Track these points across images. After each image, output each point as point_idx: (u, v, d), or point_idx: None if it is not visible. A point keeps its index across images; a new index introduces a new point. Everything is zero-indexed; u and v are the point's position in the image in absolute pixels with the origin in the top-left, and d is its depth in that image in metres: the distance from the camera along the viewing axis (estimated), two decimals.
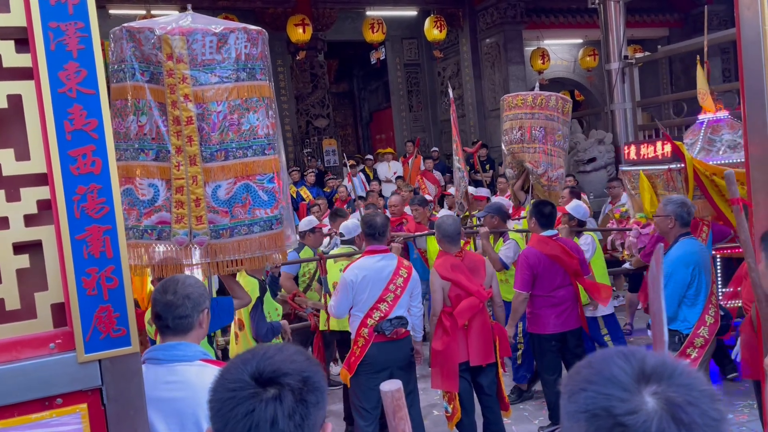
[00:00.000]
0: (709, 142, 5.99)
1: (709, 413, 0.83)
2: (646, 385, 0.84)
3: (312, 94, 13.19)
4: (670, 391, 0.84)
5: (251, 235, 2.67)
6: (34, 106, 1.68)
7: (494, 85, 13.86)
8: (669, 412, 0.82)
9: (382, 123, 18.09)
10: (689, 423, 0.81)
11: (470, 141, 13.27)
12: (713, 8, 14.52)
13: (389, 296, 4.00)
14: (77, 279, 1.68)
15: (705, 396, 0.84)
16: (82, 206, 1.69)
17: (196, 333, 2.19)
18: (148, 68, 2.52)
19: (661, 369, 0.86)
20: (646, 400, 0.83)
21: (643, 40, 15.28)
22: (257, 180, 2.66)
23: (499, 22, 13.46)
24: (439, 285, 4.13)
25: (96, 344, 1.70)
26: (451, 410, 4.18)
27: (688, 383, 0.85)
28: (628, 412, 0.82)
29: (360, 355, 3.99)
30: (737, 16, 2.72)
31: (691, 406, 0.82)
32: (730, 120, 6.01)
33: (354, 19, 13.78)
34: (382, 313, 3.99)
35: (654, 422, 0.81)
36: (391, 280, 4.01)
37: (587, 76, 15.42)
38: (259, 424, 1.01)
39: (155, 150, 2.56)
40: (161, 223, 2.59)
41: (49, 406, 1.69)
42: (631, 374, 0.85)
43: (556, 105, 6.60)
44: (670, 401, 0.82)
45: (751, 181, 2.76)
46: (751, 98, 2.70)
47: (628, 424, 0.82)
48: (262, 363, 1.06)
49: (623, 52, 10.74)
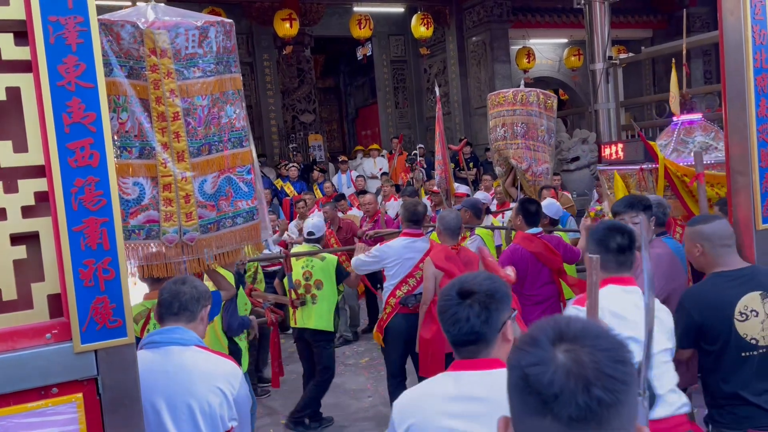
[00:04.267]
0: (682, 144, 6.15)
1: (614, 375, 0.86)
2: (560, 344, 0.89)
3: (298, 89, 13.18)
4: (582, 351, 0.88)
5: (235, 226, 2.73)
6: (33, 98, 1.70)
7: (480, 83, 13.94)
8: (572, 369, 0.86)
9: (368, 119, 18.11)
10: (590, 381, 0.85)
11: (456, 139, 13.33)
12: (696, 10, 14.73)
13: (417, 273, 4.48)
14: (74, 270, 1.70)
15: (615, 360, 0.87)
16: (80, 198, 1.71)
17: (196, 326, 2.26)
18: (127, 63, 2.50)
19: (580, 332, 0.90)
20: (556, 356, 0.88)
21: (627, 41, 15.44)
22: (237, 172, 2.70)
23: (485, 21, 13.54)
24: (432, 273, 4.23)
25: (92, 335, 1.73)
26: None
27: (603, 347, 0.88)
28: (531, 363, 0.89)
29: (387, 319, 4.60)
30: (720, 21, 2.79)
31: (597, 366, 0.86)
32: (704, 122, 6.19)
33: (341, 14, 13.77)
34: (409, 287, 4.49)
35: (553, 375, 0.86)
36: (421, 260, 4.46)
37: (572, 76, 15.57)
38: (459, 320, 1.63)
39: (138, 147, 2.53)
40: (149, 222, 2.58)
41: (45, 396, 1.71)
42: (550, 334, 0.91)
43: (537, 101, 6.68)
44: (577, 359, 0.87)
45: (732, 181, 2.84)
46: (732, 100, 2.78)
47: (529, 375, 0.88)
48: (463, 285, 1.69)
49: (608, 53, 10.85)
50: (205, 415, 2.15)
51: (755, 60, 2.70)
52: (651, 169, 5.47)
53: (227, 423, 2.19)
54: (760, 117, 2.73)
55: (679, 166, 5.54)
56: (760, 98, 2.72)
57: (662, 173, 5.41)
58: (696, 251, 2.68)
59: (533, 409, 0.88)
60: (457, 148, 9.77)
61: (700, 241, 2.65)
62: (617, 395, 0.85)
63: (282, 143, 13.60)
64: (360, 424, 5.12)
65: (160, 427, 2.13)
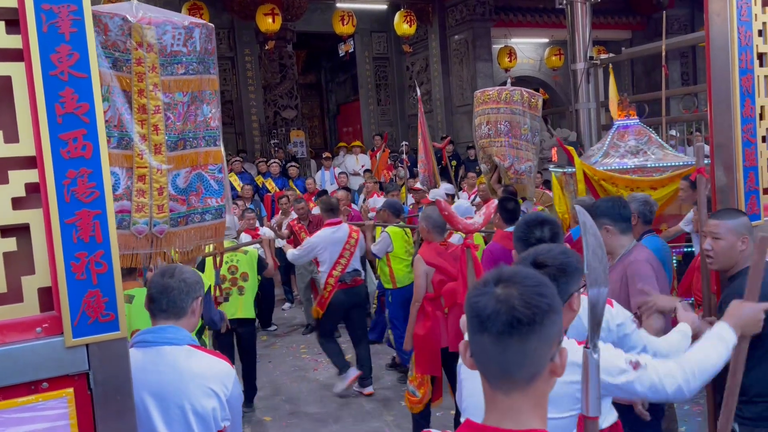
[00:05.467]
0: (614, 147, 6.34)
1: (533, 303, 1.14)
2: (498, 284, 1.18)
3: (280, 84, 13.09)
4: (513, 287, 1.16)
5: (203, 222, 2.77)
6: (24, 88, 1.66)
7: (462, 81, 13.99)
8: (502, 298, 1.15)
9: (350, 116, 18.08)
10: (514, 306, 1.14)
11: (438, 137, 13.37)
12: (673, 12, 14.94)
13: (346, 254, 5.54)
14: (66, 263, 1.67)
15: (536, 293, 1.16)
16: (72, 190, 1.68)
17: (188, 320, 2.21)
18: (112, 54, 2.50)
19: (512, 274, 1.20)
20: (494, 291, 1.17)
21: (607, 41, 15.60)
22: (209, 169, 2.75)
23: (468, 19, 13.59)
24: (423, 271, 4.28)
25: (84, 329, 1.70)
26: (420, 395, 4.25)
27: (528, 284, 1.17)
28: (475, 295, 1.19)
29: (329, 297, 5.51)
30: (706, 22, 2.83)
31: (522, 296, 1.15)
32: (639, 127, 6.38)
33: (323, 10, 13.72)
34: (342, 266, 5.52)
35: (487, 301, 1.16)
36: (346, 242, 5.54)
37: (552, 76, 15.70)
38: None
39: (117, 137, 2.54)
40: (121, 212, 2.58)
41: (35, 390, 1.68)
42: (491, 277, 1.21)
43: (521, 99, 6.78)
44: (509, 293, 1.16)
45: (716, 180, 2.88)
46: (717, 102, 2.82)
47: (473, 304, 1.18)
48: (538, 256, 1.89)
49: (589, 53, 10.95)
50: (198, 417, 2.13)
51: (740, 61, 2.74)
52: (572, 173, 5.74)
53: (220, 423, 2.18)
54: (745, 117, 2.78)
55: (596, 170, 5.79)
56: (744, 98, 2.77)
57: (581, 177, 5.71)
58: (741, 245, 2.57)
59: (476, 328, 1.17)
60: (441, 145, 9.81)
61: (748, 234, 2.58)
62: (534, 317, 1.13)
63: (263, 139, 13.51)
64: (344, 420, 5.13)
65: (151, 427, 2.11)
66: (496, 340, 1.14)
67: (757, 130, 2.84)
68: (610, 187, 5.61)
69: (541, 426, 1.17)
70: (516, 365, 1.15)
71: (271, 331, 7.80)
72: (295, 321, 8.36)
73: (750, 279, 2.00)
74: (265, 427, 5.12)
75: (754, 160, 2.83)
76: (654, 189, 5.62)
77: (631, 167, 5.99)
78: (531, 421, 1.16)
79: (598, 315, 1.55)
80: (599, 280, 1.54)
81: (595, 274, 1.56)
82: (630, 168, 5.98)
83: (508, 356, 1.14)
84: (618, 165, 6.04)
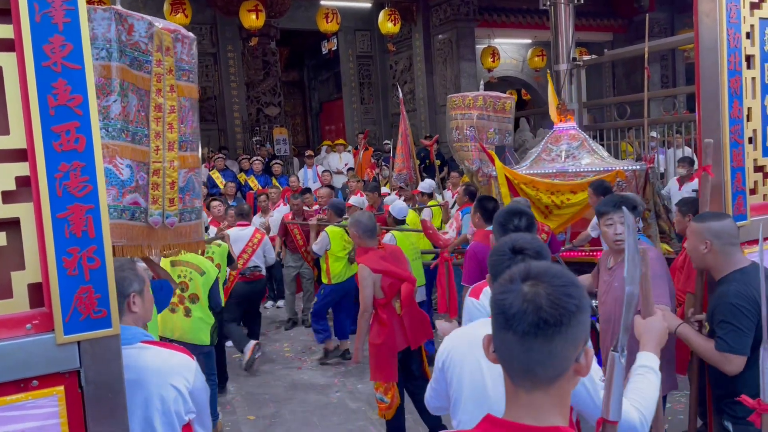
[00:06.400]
0: (547, 151, 6.50)
1: (561, 304, 1.12)
2: (526, 280, 1.16)
3: (263, 81, 13.01)
4: (541, 286, 1.14)
5: (191, 222, 2.83)
6: (16, 79, 1.63)
7: (446, 81, 14.02)
8: (529, 297, 1.13)
9: (333, 114, 18.03)
10: (541, 306, 1.12)
11: (421, 136, 13.38)
12: (654, 16, 15.13)
13: (249, 249, 6.46)
14: (58, 258, 1.64)
15: (565, 294, 1.13)
16: (65, 184, 1.64)
17: (130, 317, 2.15)
18: (132, 53, 2.55)
19: (542, 272, 1.17)
20: (522, 288, 1.15)
21: (588, 43, 15.75)
22: (196, 172, 2.85)
23: (452, 19, 13.62)
24: (370, 279, 4.16)
25: (75, 325, 1.67)
26: (389, 400, 4.26)
27: (557, 284, 1.14)
28: (501, 292, 1.17)
29: (231, 286, 6.22)
30: (696, 23, 2.85)
31: (550, 297, 1.12)
32: (575, 132, 6.52)
33: (307, 7, 13.65)
34: (244, 261, 6.37)
35: (513, 300, 1.14)
36: (249, 241, 6.48)
37: (535, 76, 15.79)
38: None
39: (132, 132, 2.60)
40: (134, 204, 2.64)
41: (24, 388, 1.65)
42: (519, 273, 1.18)
43: (485, 104, 7.26)
44: (536, 291, 1.13)
45: (703, 180, 2.91)
46: (706, 102, 2.85)
47: (498, 300, 1.17)
48: (516, 243, 1.96)
49: (572, 54, 11.03)
50: (160, 414, 2.08)
51: (729, 62, 2.77)
52: (495, 176, 5.94)
53: (184, 417, 2.12)
54: (733, 118, 2.82)
55: (517, 174, 5.95)
56: (732, 100, 2.80)
57: (502, 180, 5.87)
58: (703, 248, 2.63)
59: (501, 325, 1.15)
60: (429, 143, 9.82)
61: (710, 238, 2.61)
62: (561, 319, 1.11)
63: (246, 136, 13.42)
64: (328, 419, 5.11)
65: None
66: (520, 340, 1.13)
67: (744, 132, 2.88)
68: (530, 190, 5.82)
69: (562, 423, 1.17)
70: (540, 365, 1.14)
71: None
72: (277, 319, 8.32)
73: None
74: (249, 426, 5.08)
75: (741, 160, 2.87)
76: (574, 193, 5.79)
77: (552, 171, 6.17)
78: (552, 418, 1.16)
79: (628, 318, 1.53)
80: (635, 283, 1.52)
81: (632, 276, 1.51)
82: (551, 172, 6.15)
83: (533, 355, 1.13)
84: (546, 169, 6.30)
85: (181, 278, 4.77)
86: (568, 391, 1.19)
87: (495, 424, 1.19)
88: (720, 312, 2.59)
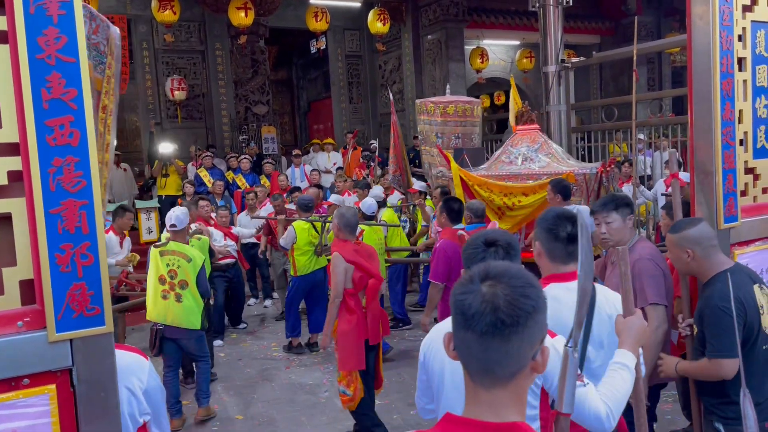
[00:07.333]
0: (506, 153, 6.63)
1: (518, 305, 1.15)
2: (485, 280, 1.18)
3: (252, 80, 12.94)
4: (499, 287, 1.17)
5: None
6: (8, 71, 1.59)
7: (434, 81, 14.02)
8: (487, 297, 1.16)
9: (321, 113, 17.98)
10: (499, 307, 1.15)
11: (410, 136, 13.39)
12: (641, 19, 15.21)
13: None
14: (50, 255, 1.61)
15: (522, 294, 1.16)
16: (58, 179, 1.62)
17: None
18: (91, 53, 2.53)
19: (501, 272, 1.19)
20: (481, 289, 1.17)
21: (576, 45, 15.83)
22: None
23: (441, 19, 13.63)
24: (343, 268, 4.38)
25: (68, 323, 1.64)
26: (351, 393, 4.33)
27: (515, 284, 1.17)
28: (461, 292, 1.20)
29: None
30: (689, 25, 2.87)
31: (507, 297, 1.15)
32: (535, 134, 6.64)
33: (297, 6, 13.60)
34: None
35: (472, 300, 1.16)
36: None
37: (523, 78, 15.84)
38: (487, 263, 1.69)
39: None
40: None
41: (15, 387, 1.62)
42: (479, 273, 1.21)
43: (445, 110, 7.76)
44: (494, 292, 1.16)
45: (695, 182, 2.93)
46: (698, 103, 2.86)
47: (458, 300, 1.19)
48: (488, 236, 2.08)
49: (560, 56, 11.08)
50: None
51: (721, 65, 2.79)
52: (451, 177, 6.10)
53: (138, 419, 2.01)
54: (725, 120, 2.83)
55: (471, 175, 6.08)
56: (725, 102, 2.82)
57: (457, 182, 6.04)
58: (686, 257, 2.62)
59: (460, 325, 1.18)
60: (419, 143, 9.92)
61: (691, 246, 2.62)
62: (518, 319, 1.14)
63: (234, 134, 13.34)
64: (317, 418, 5.09)
65: None
66: (479, 339, 1.16)
67: (736, 134, 2.89)
68: (484, 192, 5.94)
69: (519, 418, 1.20)
70: (498, 363, 1.17)
71: (241, 329, 7.71)
72: (264, 318, 8.28)
73: (622, 292, 1.90)
74: (238, 426, 5.04)
75: (733, 162, 2.88)
76: (525, 195, 5.97)
77: (505, 174, 6.27)
78: (510, 415, 1.19)
79: (581, 314, 1.58)
80: (587, 282, 1.60)
81: (586, 276, 1.59)
82: (504, 174, 6.25)
83: (491, 354, 1.16)
84: (497, 171, 6.44)
85: (170, 266, 4.98)
86: (525, 388, 1.22)
87: (455, 423, 1.21)
88: (706, 315, 2.61)
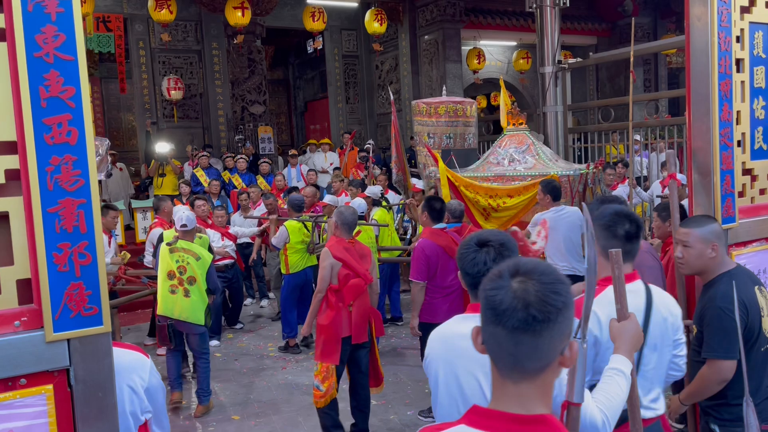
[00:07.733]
0: (494, 154, 6.67)
1: (548, 301, 1.17)
2: (515, 276, 1.20)
3: (249, 79, 12.92)
4: (530, 282, 1.19)
5: None
6: (6, 69, 1.59)
7: (431, 81, 14.02)
8: (518, 293, 1.17)
9: (317, 113, 17.96)
10: (530, 303, 1.16)
11: (406, 136, 13.38)
12: (638, 20, 15.27)
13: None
14: (48, 254, 1.60)
15: (552, 291, 1.18)
16: (56, 178, 1.61)
17: None
18: None
19: (531, 269, 1.21)
20: (511, 285, 1.19)
21: (573, 46, 15.85)
22: None
23: (438, 20, 13.63)
24: (329, 264, 4.41)
25: (65, 323, 1.63)
26: (324, 389, 4.35)
27: (545, 281, 1.19)
28: (491, 288, 1.21)
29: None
30: (687, 26, 2.87)
31: (538, 294, 1.17)
32: (523, 135, 6.68)
33: (294, 6, 13.59)
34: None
35: (503, 296, 1.18)
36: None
37: (519, 78, 15.86)
38: (477, 263, 1.98)
39: None
40: None
41: (12, 387, 1.61)
42: (508, 269, 1.22)
43: (436, 111, 7.75)
44: (525, 288, 1.18)
45: (693, 183, 2.93)
46: (697, 104, 2.87)
47: (488, 296, 1.21)
48: (480, 236, 2.06)
49: (557, 57, 11.09)
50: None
51: (720, 66, 2.80)
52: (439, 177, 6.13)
53: (140, 417, 2.03)
54: (723, 121, 2.84)
55: (458, 176, 6.10)
56: (723, 103, 2.82)
57: (445, 182, 6.04)
58: (710, 252, 2.58)
59: (490, 320, 1.20)
60: None
61: (717, 241, 2.58)
62: (549, 315, 1.16)
63: (230, 134, 13.31)
64: (313, 418, 5.07)
65: None
66: (510, 334, 1.17)
67: (734, 135, 2.90)
68: (470, 193, 5.99)
69: (546, 411, 1.22)
70: (528, 358, 1.19)
71: (238, 329, 7.69)
72: (260, 318, 8.26)
73: (616, 295, 1.88)
74: (234, 427, 5.03)
75: (731, 163, 2.89)
76: (511, 197, 6.00)
77: (491, 175, 6.29)
78: (538, 407, 1.21)
79: (589, 306, 1.59)
80: (592, 276, 1.62)
81: (592, 271, 1.60)
82: (490, 176, 6.27)
83: (521, 349, 1.18)
84: (484, 172, 6.50)
85: (180, 263, 5.20)
86: (552, 382, 1.24)
87: (482, 415, 1.22)
88: (707, 315, 2.60)
